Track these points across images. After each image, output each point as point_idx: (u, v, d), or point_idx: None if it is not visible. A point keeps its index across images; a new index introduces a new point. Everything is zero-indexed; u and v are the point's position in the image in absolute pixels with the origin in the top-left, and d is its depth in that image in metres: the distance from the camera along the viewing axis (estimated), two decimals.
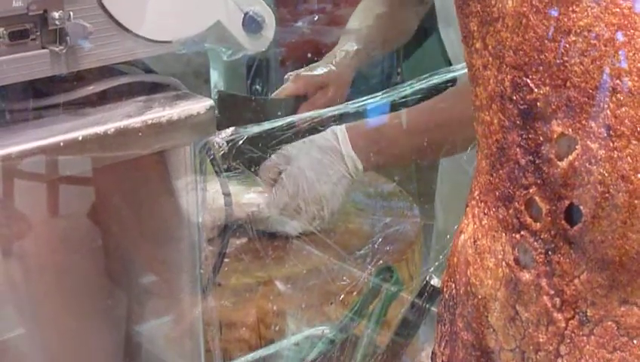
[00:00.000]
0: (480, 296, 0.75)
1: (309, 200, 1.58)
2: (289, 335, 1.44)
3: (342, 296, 1.47)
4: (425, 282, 1.29)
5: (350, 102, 1.28)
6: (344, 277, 1.49)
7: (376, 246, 1.56)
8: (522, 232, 0.70)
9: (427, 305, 1.27)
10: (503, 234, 0.72)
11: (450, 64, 1.80)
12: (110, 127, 1.03)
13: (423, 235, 1.72)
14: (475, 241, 0.75)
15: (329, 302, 1.48)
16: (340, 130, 1.61)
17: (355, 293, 1.46)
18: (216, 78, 2.48)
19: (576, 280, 0.68)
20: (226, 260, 1.48)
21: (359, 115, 1.48)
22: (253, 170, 1.52)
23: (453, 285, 0.78)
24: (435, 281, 1.22)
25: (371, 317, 1.36)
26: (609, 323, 0.67)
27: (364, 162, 1.61)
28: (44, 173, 1.05)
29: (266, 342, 1.44)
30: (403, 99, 1.30)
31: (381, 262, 1.49)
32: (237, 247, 1.60)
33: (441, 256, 1.25)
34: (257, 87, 2.44)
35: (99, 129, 1.03)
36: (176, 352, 1.28)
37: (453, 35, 1.82)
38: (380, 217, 1.70)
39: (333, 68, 1.79)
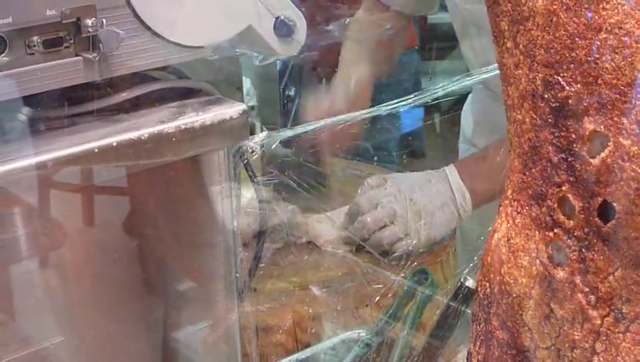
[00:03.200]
0: (514, 295, 0.75)
1: (411, 213, 1.56)
2: (325, 338, 1.44)
3: (377, 299, 1.47)
4: (460, 283, 1.29)
5: (382, 105, 1.27)
6: (379, 281, 1.49)
7: (410, 248, 1.56)
8: (556, 230, 0.70)
9: (462, 307, 1.26)
10: (537, 233, 0.72)
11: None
12: (144, 132, 1.04)
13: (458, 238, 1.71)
14: (508, 240, 0.75)
15: (364, 305, 1.48)
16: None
17: (390, 296, 1.46)
18: (248, 85, 2.48)
19: (610, 277, 0.68)
20: (261, 265, 1.49)
21: (391, 117, 1.47)
22: (286, 173, 1.52)
23: (488, 284, 0.78)
24: (470, 283, 1.22)
25: (407, 319, 1.36)
26: None
27: (472, 194, 1.59)
28: (79, 179, 1.06)
29: (302, 346, 1.44)
30: (435, 101, 1.30)
31: (416, 264, 1.49)
32: (272, 252, 1.60)
33: (475, 258, 1.25)
34: (290, 93, 2.44)
35: (133, 135, 1.03)
36: (213, 357, 1.28)
37: (470, 41, 1.81)
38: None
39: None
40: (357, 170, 1.89)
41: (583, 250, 0.69)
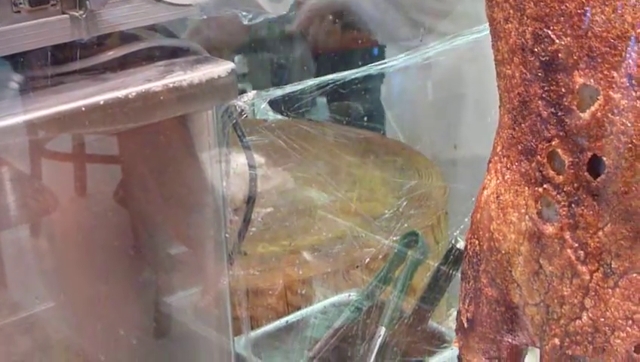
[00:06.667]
0: (503, 251, 0.74)
1: None
2: (316, 301, 1.44)
3: (367, 262, 1.47)
4: (450, 245, 1.29)
5: (373, 64, 1.27)
6: (369, 244, 1.49)
7: (401, 210, 1.55)
8: (545, 185, 0.70)
9: (453, 270, 1.26)
10: (526, 188, 0.71)
11: None
12: (131, 91, 1.03)
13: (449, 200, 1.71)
14: (498, 196, 0.74)
15: (355, 267, 1.48)
16: None
17: (380, 259, 1.46)
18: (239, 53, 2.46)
19: (600, 233, 0.67)
20: (252, 229, 1.49)
21: (383, 76, 1.46)
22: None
23: (477, 241, 0.78)
24: (461, 244, 1.22)
25: (397, 282, 1.35)
26: (634, 275, 0.66)
27: None
28: (66, 139, 1.05)
29: (293, 309, 1.44)
30: (425, 61, 1.29)
31: (406, 226, 1.49)
32: (263, 216, 1.60)
33: (466, 219, 1.24)
34: (281, 60, 2.42)
35: (120, 93, 1.02)
36: (204, 320, 1.28)
37: None
38: (404, 181, 1.70)
39: None
40: (347, 134, 1.89)
41: (573, 206, 0.68)
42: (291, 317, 1.38)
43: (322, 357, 1.34)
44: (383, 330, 1.31)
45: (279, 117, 1.77)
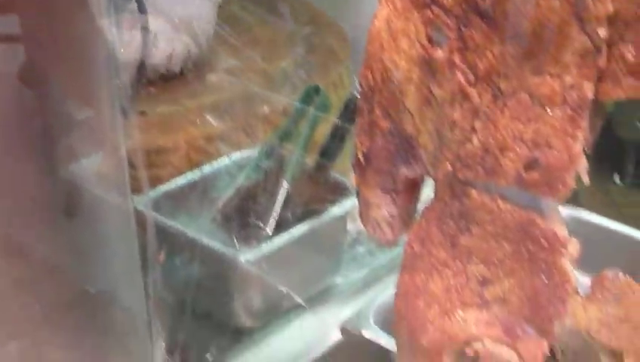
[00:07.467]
0: (396, 81, 0.74)
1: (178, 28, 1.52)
2: (218, 159, 1.42)
3: (269, 119, 1.46)
4: (350, 95, 1.29)
5: None
6: (272, 100, 1.48)
7: (303, 66, 1.54)
8: (434, 8, 0.69)
9: (352, 121, 1.26)
10: (416, 13, 0.71)
11: None
12: None
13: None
14: (388, 24, 0.73)
15: (257, 125, 1.47)
16: None
17: (282, 115, 1.45)
18: None
19: (489, 54, 0.67)
20: (151, 89, 1.47)
21: None
22: None
23: (370, 74, 0.77)
24: None
25: (299, 139, 1.35)
26: (522, 94, 0.66)
27: None
28: None
29: (195, 167, 1.43)
30: None
31: (306, 77, 1.48)
32: (161, 76, 1.58)
33: None
34: None
35: None
36: (102, 181, 1.27)
37: None
38: (301, 27, 1.68)
39: None
40: None
41: (462, 28, 0.68)
42: (191, 175, 1.37)
43: (226, 214, 1.34)
44: (285, 184, 1.31)
45: None
